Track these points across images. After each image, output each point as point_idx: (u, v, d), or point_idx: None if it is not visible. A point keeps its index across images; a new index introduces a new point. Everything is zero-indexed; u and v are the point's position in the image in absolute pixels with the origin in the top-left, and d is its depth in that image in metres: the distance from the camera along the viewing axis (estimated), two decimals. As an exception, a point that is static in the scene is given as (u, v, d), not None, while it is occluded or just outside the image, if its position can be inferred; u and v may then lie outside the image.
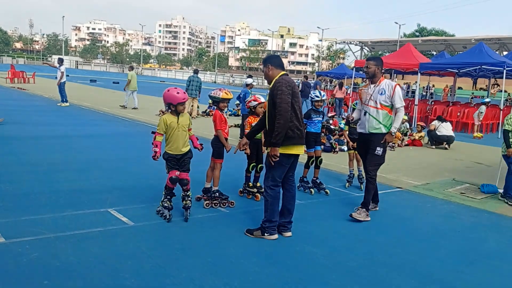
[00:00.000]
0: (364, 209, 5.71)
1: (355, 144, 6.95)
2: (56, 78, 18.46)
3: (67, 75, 22.33)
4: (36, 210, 5.21)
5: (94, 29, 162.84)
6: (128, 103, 18.62)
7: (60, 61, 18.94)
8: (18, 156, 8.12)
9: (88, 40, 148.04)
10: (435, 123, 13.49)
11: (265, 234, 4.82)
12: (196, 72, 17.35)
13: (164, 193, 5.36)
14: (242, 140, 5.24)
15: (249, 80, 13.12)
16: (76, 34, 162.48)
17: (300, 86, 18.63)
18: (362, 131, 5.93)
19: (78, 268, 3.82)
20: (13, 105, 17.04)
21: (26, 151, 8.68)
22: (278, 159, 4.71)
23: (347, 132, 7.86)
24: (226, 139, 5.97)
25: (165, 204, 5.30)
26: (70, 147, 9.46)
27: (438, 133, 13.10)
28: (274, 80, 4.83)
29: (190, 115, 16.75)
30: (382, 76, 5.87)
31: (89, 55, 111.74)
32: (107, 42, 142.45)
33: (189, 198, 5.35)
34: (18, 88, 25.70)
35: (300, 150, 4.91)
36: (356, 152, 7.56)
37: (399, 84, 5.77)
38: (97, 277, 3.70)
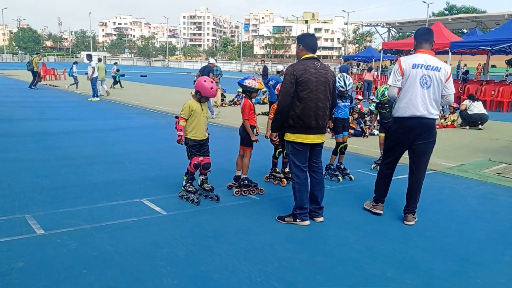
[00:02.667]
0: None
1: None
2: (86, 74, 18.81)
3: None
4: (73, 202, 5.36)
5: (120, 24, 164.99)
6: (102, 92, 19.81)
7: (89, 57, 19.34)
8: (53, 151, 8.35)
9: (114, 35, 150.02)
10: (466, 102, 13.12)
11: (297, 220, 4.81)
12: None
13: (185, 178, 5.56)
14: (271, 134, 5.05)
15: (280, 67, 13.31)
16: (103, 30, 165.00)
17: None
18: None
19: (115, 257, 3.92)
20: (46, 101, 17.52)
21: (61, 145, 8.91)
22: (276, 143, 5.08)
23: (378, 116, 7.72)
24: (255, 127, 5.98)
25: (190, 189, 5.52)
26: (102, 140, 9.66)
27: (470, 112, 12.74)
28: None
29: (215, 104, 17.01)
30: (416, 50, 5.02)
31: (117, 50, 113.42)
32: (133, 36, 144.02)
33: (208, 182, 5.64)
34: (50, 85, 26.37)
35: (312, 139, 4.76)
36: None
37: (398, 59, 5.05)
38: (134, 265, 3.78)
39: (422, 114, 4.78)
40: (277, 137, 4.94)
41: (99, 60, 21.79)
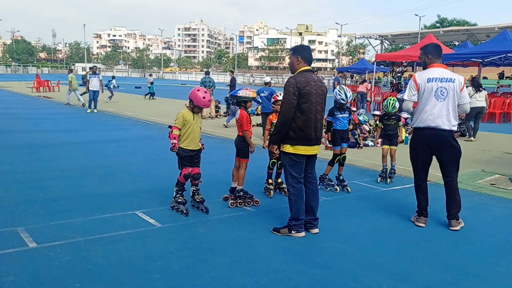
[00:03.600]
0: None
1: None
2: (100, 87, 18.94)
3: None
4: (66, 214, 5.31)
5: (114, 35, 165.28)
6: (70, 100, 21.28)
7: (95, 68, 19.76)
8: (46, 163, 8.29)
9: (109, 47, 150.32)
10: (470, 90, 12.26)
11: (292, 232, 4.80)
12: (207, 73, 18.67)
13: (176, 189, 5.57)
14: (272, 147, 4.95)
15: (267, 79, 13.90)
16: (97, 42, 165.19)
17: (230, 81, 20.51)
18: None
19: (108, 270, 3.87)
20: (40, 113, 17.46)
21: (54, 157, 8.86)
22: (276, 156, 4.96)
23: (381, 128, 7.75)
24: (250, 137, 5.99)
25: (179, 200, 5.54)
26: (96, 152, 9.62)
27: (471, 106, 12.60)
28: (295, 74, 4.83)
29: (210, 116, 17.09)
30: (429, 65, 5.30)
31: (111, 62, 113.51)
32: (128, 48, 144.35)
33: (199, 193, 5.61)
34: (43, 96, 26.33)
35: (310, 151, 4.82)
36: (391, 147, 7.47)
37: (413, 75, 5.44)
38: (128, 279, 3.74)
39: (437, 125, 5.07)
40: (278, 149, 4.92)
41: (70, 71, 23.51)
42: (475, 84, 13.16)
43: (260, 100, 12.58)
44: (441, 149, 5.16)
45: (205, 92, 5.47)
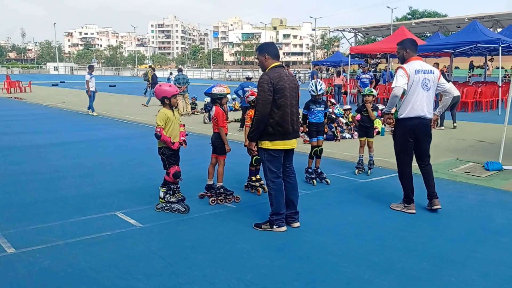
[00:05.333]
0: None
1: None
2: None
3: (63, 82, 22.75)
4: (44, 218, 5.22)
5: (86, 34, 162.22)
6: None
7: (91, 68, 17.85)
8: (21, 166, 8.12)
9: (81, 45, 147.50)
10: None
11: (274, 227, 4.83)
12: (180, 70, 18.67)
13: (164, 190, 5.49)
14: (250, 144, 4.92)
15: (249, 74, 14.08)
16: (69, 40, 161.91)
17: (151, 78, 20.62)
18: None
19: (90, 273, 3.83)
20: (11, 115, 17.05)
21: (29, 160, 8.68)
22: (254, 153, 4.93)
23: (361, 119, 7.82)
24: (226, 134, 5.98)
25: (173, 200, 5.47)
26: (72, 153, 9.46)
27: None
28: (266, 71, 4.85)
29: (187, 113, 17.00)
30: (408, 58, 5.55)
31: (84, 60, 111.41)
32: (101, 46, 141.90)
33: (179, 191, 5.60)
34: (15, 98, 25.69)
35: (289, 145, 4.89)
36: (367, 139, 7.57)
37: (401, 66, 5.56)
38: (110, 281, 3.71)
39: (424, 114, 5.41)
40: (256, 146, 4.92)
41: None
42: (444, 76, 13.65)
43: (242, 95, 12.63)
44: (424, 136, 5.50)
45: (165, 83, 5.59)
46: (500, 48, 16.57)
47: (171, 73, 24.73)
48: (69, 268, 3.92)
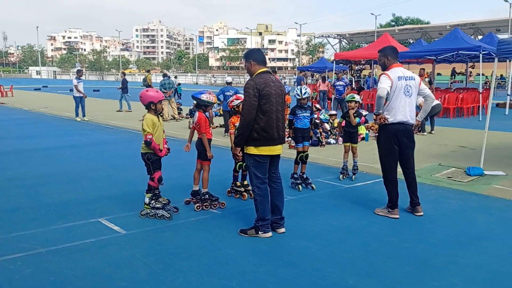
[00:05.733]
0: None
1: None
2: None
3: (45, 86, 22.50)
4: (26, 225, 5.14)
5: (70, 37, 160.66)
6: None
7: (79, 73, 17.66)
8: (2, 172, 7.98)
9: (64, 49, 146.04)
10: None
11: (259, 233, 4.83)
12: (165, 75, 18.83)
13: (149, 196, 5.45)
14: (235, 149, 4.93)
15: (229, 79, 14.11)
16: (51, 44, 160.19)
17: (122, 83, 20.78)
18: None
19: (73, 281, 3.78)
20: (-7, 120, 16.75)
21: (10, 166, 8.54)
22: (240, 158, 4.97)
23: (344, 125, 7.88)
24: (210, 139, 5.97)
25: (158, 205, 5.43)
26: (55, 158, 9.34)
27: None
28: (253, 77, 4.87)
29: (174, 118, 16.95)
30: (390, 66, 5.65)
31: (67, 65, 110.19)
32: (84, 50, 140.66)
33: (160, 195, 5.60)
34: (-4, 102, 25.27)
35: (274, 151, 4.89)
36: (352, 145, 7.63)
37: (384, 72, 5.65)
38: (94, 288, 3.66)
39: (407, 120, 5.52)
40: (241, 151, 4.92)
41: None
42: (430, 81, 13.89)
43: (222, 99, 12.70)
44: (408, 142, 5.59)
45: (151, 88, 5.61)
46: (481, 55, 16.88)
47: (174, 77, 25.37)
48: (51, 276, 3.87)
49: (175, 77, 35.82)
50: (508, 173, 7.74)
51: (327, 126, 12.12)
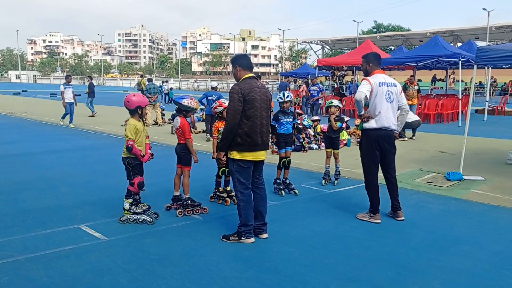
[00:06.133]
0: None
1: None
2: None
3: (25, 90, 22.20)
4: (3, 232, 5.04)
5: (50, 41, 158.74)
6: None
7: (68, 78, 17.45)
8: (-21, 178, 7.81)
9: (45, 53, 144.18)
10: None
11: (242, 238, 4.82)
12: (150, 80, 18.90)
13: (129, 201, 5.41)
14: (219, 154, 5.00)
15: (214, 83, 14.19)
16: (32, 48, 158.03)
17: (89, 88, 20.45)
18: None
19: (52, 289, 3.71)
20: (-30, 125, 16.40)
21: (-12, 171, 8.36)
22: (224, 163, 4.96)
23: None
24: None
25: (139, 211, 5.40)
26: (35, 164, 9.18)
27: (409, 121, 13.21)
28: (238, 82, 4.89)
29: (157, 123, 16.82)
30: (372, 72, 5.75)
31: (48, 69, 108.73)
32: (65, 54, 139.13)
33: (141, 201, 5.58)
34: (-26, 107, 24.75)
35: (257, 156, 4.88)
36: (333, 150, 7.66)
37: (365, 78, 5.75)
38: (73, 296, 3.60)
39: (389, 125, 5.57)
40: (225, 156, 4.92)
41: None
42: (418, 89, 14.20)
43: (206, 104, 12.68)
44: (389, 147, 5.65)
45: (137, 94, 5.62)
46: (460, 62, 17.21)
47: (163, 81, 25.47)
48: (30, 284, 3.79)
49: (166, 81, 36.11)
50: (486, 178, 7.89)
51: (311, 132, 12.19)
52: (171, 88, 31.96)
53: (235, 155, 4.80)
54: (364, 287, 3.86)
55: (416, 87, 15.24)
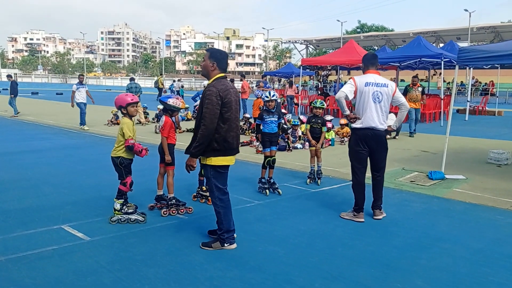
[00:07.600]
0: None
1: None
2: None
3: (5, 89, 21.72)
4: (-17, 233, 4.94)
5: (32, 39, 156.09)
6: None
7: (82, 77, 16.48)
8: (-42, 178, 7.65)
9: (26, 51, 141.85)
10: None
11: (226, 245, 4.67)
12: (132, 79, 18.54)
13: (120, 202, 5.36)
14: (190, 161, 4.57)
15: (206, 83, 14.07)
16: (13, 46, 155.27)
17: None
18: None
19: (34, 290, 3.66)
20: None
21: (-33, 171, 8.20)
22: (193, 170, 4.58)
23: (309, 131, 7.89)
24: (174, 145, 5.97)
25: (130, 210, 5.38)
26: (15, 164, 9.03)
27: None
28: (210, 81, 4.63)
29: (140, 122, 16.68)
30: (364, 72, 5.84)
31: (29, 67, 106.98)
32: (47, 52, 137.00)
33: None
34: (-48, 105, 24.21)
35: (233, 160, 4.72)
36: (317, 149, 7.68)
37: (352, 77, 5.85)
38: (56, 298, 3.56)
39: (375, 125, 5.60)
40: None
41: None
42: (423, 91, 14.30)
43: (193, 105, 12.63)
44: (377, 147, 5.71)
45: (129, 94, 5.54)
46: (442, 62, 17.46)
47: (174, 80, 25.75)
48: (11, 285, 3.73)
49: (179, 79, 36.11)
50: (468, 177, 8.02)
51: (300, 131, 12.21)
52: (182, 86, 31.70)
53: (212, 160, 4.57)
54: (348, 285, 3.89)
55: (420, 89, 14.70)
